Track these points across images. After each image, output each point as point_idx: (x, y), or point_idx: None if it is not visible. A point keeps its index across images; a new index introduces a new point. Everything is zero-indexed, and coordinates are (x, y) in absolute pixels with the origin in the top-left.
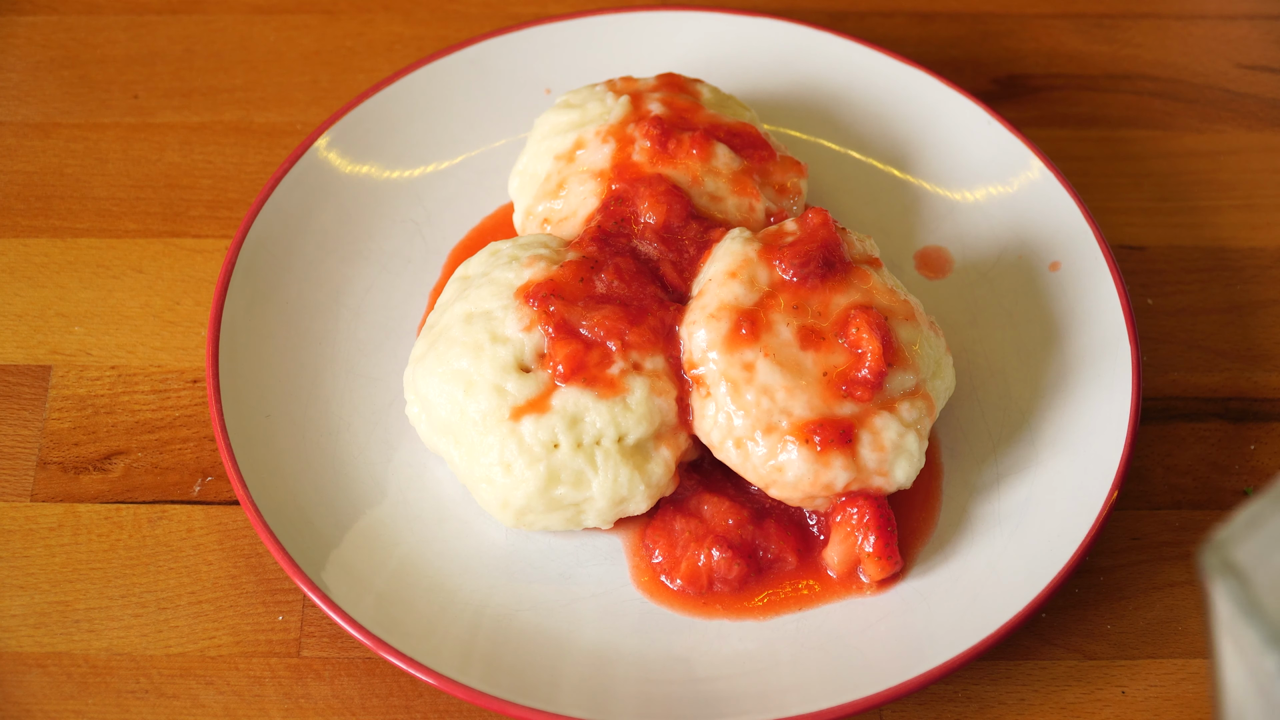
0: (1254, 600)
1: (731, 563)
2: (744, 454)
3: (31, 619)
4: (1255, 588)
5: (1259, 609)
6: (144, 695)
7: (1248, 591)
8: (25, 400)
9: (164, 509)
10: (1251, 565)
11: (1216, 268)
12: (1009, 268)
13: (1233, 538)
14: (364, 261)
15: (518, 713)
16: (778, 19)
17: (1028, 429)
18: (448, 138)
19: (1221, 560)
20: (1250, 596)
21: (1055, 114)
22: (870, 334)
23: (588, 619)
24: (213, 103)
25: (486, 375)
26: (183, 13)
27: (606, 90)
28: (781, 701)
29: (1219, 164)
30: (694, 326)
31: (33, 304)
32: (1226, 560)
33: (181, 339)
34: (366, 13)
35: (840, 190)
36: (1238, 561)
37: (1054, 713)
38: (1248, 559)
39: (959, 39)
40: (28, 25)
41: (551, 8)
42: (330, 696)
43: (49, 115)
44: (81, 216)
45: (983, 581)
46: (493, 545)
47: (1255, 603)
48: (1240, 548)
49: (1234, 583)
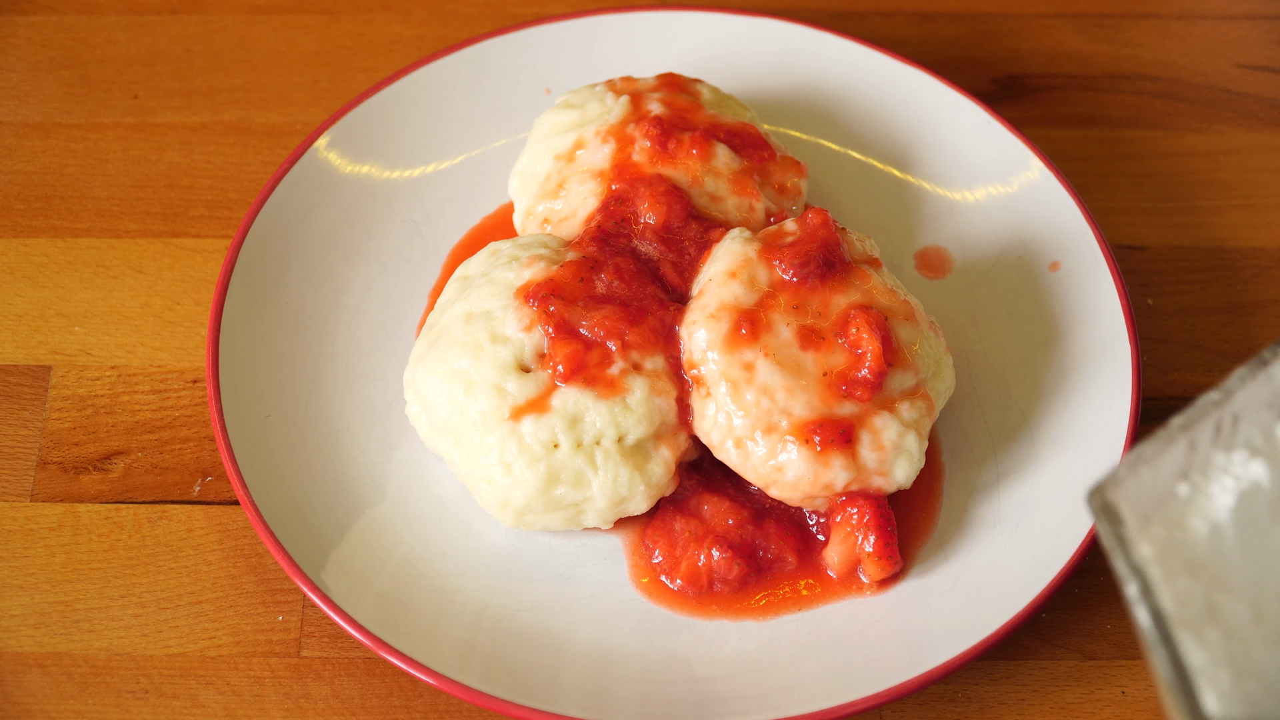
0: (1121, 537)
1: (731, 563)
2: (744, 454)
3: (31, 619)
4: (1126, 527)
5: (1124, 544)
6: (144, 695)
7: (1117, 530)
8: (25, 400)
9: (164, 509)
10: (1125, 506)
11: (1216, 268)
12: (1009, 268)
13: (1112, 481)
14: (364, 261)
15: (518, 713)
16: (778, 19)
17: (1028, 429)
18: (448, 138)
19: (1099, 501)
20: (1119, 534)
21: (1055, 114)
22: (870, 334)
23: (587, 619)
24: (213, 103)
25: (486, 375)
26: (183, 13)
27: (606, 90)
28: (781, 701)
29: (1219, 164)
30: (694, 326)
31: (33, 304)
32: (1104, 501)
33: (181, 339)
34: (366, 13)
35: (840, 190)
36: (1113, 503)
37: (1054, 713)
38: (1122, 500)
39: (959, 39)
40: (28, 25)
41: (551, 8)
42: (330, 696)
43: (49, 115)
44: (81, 216)
45: (983, 581)
46: (493, 545)
47: (1122, 539)
48: (1117, 490)
49: (1106, 522)
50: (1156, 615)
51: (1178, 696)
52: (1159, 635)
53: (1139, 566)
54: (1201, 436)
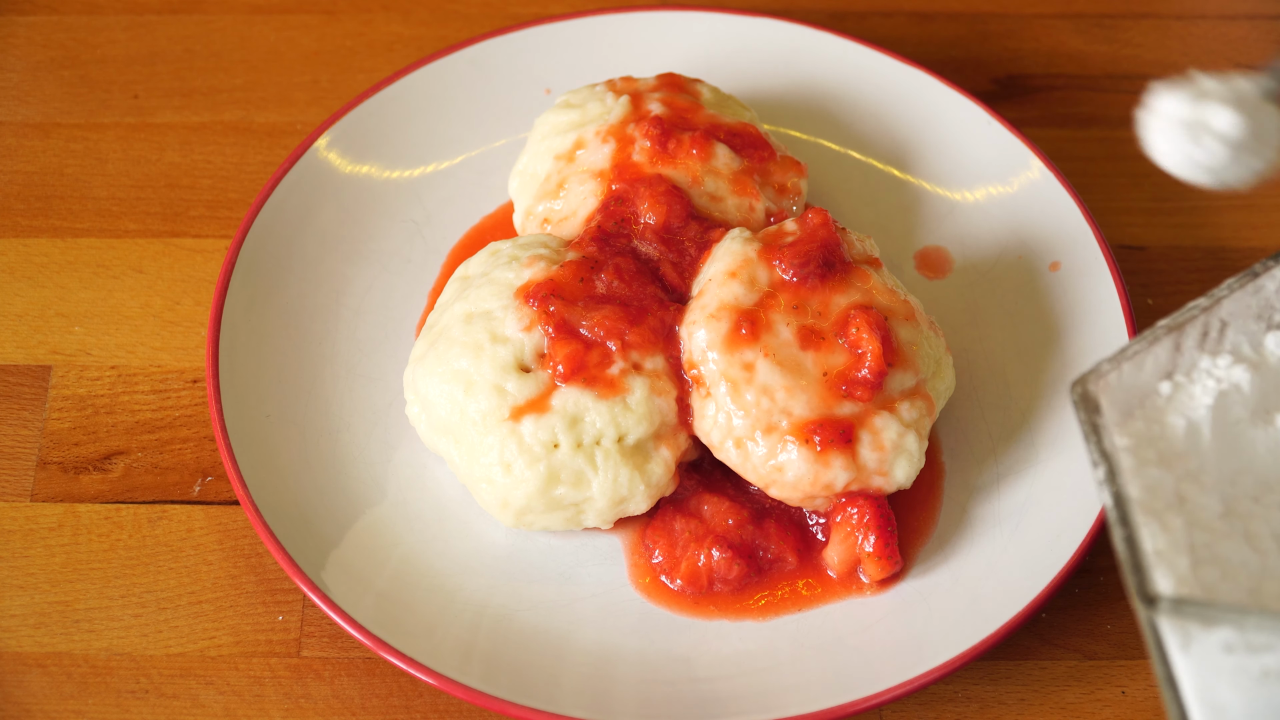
0: (1096, 425)
1: (731, 563)
2: (744, 454)
3: (31, 619)
4: (1102, 417)
5: (1098, 432)
6: (144, 695)
7: (1093, 418)
8: (25, 400)
9: (164, 509)
10: (1105, 398)
11: (1216, 268)
12: (1009, 268)
13: (1095, 374)
14: (364, 261)
15: (518, 713)
16: (778, 19)
17: (1028, 429)
18: (448, 138)
19: (1080, 391)
20: (1094, 421)
21: (1055, 114)
22: (870, 334)
23: (588, 619)
24: (213, 103)
25: (486, 375)
26: (183, 13)
27: (606, 90)
28: (781, 701)
29: None
30: (694, 326)
31: (33, 304)
32: (1085, 390)
33: (181, 339)
34: (366, 13)
35: (840, 190)
36: (1093, 393)
37: (1054, 713)
38: (1103, 393)
39: (959, 39)
40: (28, 25)
41: (551, 8)
42: (330, 696)
43: (49, 115)
44: (81, 216)
45: (983, 581)
46: (493, 545)
47: (1096, 426)
48: (1099, 382)
49: (1084, 410)
50: (1119, 498)
51: (1131, 574)
52: (1118, 515)
53: (1108, 453)
54: (1187, 339)
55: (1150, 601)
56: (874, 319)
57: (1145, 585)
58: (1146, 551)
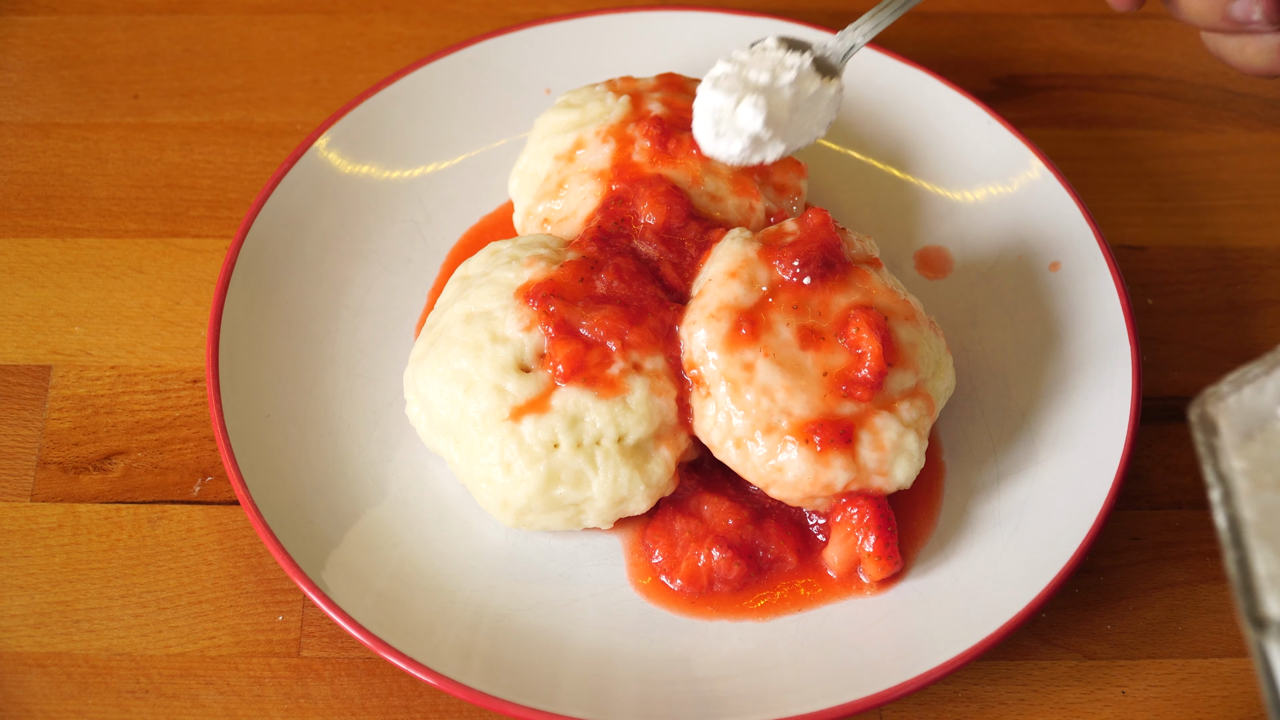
0: (1213, 446)
1: (731, 563)
2: (744, 454)
3: (31, 619)
4: (1221, 439)
5: (1215, 454)
6: (144, 695)
7: (1210, 440)
8: (25, 400)
9: (164, 509)
10: (1224, 420)
11: (1216, 268)
12: (1009, 268)
13: (1214, 395)
14: (364, 261)
15: (518, 713)
16: (778, 19)
17: (1028, 429)
18: (448, 138)
19: (1199, 412)
20: (1211, 443)
21: (1055, 114)
22: (870, 334)
23: (587, 619)
24: (213, 103)
25: (486, 375)
26: (183, 13)
27: (606, 90)
28: (781, 701)
29: (1219, 164)
30: (694, 326)
31: (33, 304)
32: (1203, 412)
33: (181, 339)
34: (366, 13)
35: (840, 190)
36: (1212, 415)
37: (1054, 713)
38: (1221, 414)
39: (959, 39)
40: (28, 25)
41: (551, 8)
42: (330, 696)
43: (49, 115)
44: (81, 216)
45: (983, 581)
46: (493, 545)
47: (1214, 449)
48: (1218, 404)
49: (1202, 432)
50: (1233, 520)
51: (1242, 596)
52: (1232, 538)
53: (1225, 475)
54: None
55: (1260, 625)
56: (874, 319)
57: (1255, 608)
58: (1259, 575)
